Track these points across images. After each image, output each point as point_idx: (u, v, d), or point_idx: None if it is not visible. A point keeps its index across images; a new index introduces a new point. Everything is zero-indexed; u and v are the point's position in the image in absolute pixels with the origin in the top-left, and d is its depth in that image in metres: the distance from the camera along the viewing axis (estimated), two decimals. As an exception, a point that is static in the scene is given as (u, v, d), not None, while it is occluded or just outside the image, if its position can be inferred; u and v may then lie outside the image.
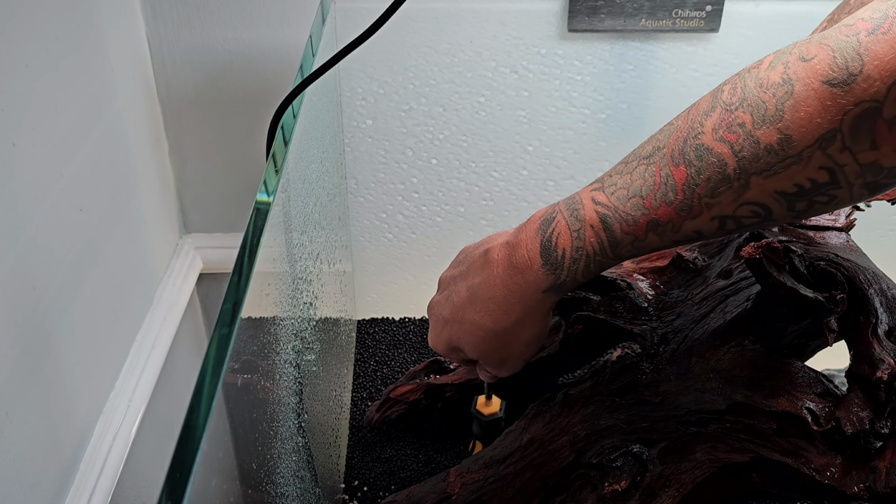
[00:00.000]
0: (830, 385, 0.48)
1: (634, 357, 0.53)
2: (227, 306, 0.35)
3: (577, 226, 0.43)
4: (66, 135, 0.59)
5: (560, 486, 0.52)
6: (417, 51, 0.73)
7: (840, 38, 0.35)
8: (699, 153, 0.38)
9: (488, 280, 0.46)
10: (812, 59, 0.35)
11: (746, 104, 0.37)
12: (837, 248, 0.51)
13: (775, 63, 0.37)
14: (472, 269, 0.48)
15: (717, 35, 0.72)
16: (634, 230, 0.41)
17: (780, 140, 0.36)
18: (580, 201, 0.43)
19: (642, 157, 0.41)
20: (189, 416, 0.30)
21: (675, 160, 0.39)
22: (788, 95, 0.36)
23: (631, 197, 0.41)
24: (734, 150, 0.37)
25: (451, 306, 0.48)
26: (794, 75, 0.36)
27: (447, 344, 0.49)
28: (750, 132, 0.37)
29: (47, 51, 0.56)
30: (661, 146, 0.40)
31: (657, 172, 0.40)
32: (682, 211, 0.40)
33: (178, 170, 0.80)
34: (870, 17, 0.35)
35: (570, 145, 0.79)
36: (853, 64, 0.34)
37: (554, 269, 0.44)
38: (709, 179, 0.38)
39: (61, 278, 0.58)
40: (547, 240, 0.44)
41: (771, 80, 0.36)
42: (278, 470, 0.45)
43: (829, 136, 0.35)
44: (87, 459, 0.60)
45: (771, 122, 0.36)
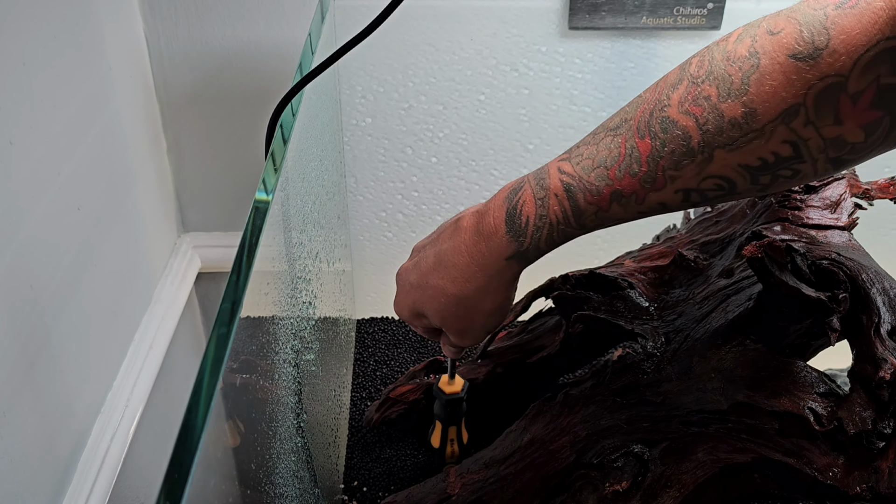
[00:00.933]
0: (833, 385, 0.48)
1: (635, 357, 0.53)
2: (225, 305, 0.35)
3: (542, 194, 0.43)
4: (63, 133, 0.58)
5: (561, 486, 0.52)
6: (417, 48, 0.73)
7: (808, 12, 0.35)
8: (664, 125, 0.39)
9: (454, 247, 0.46)
10: (779, 32, 0.35)
11: (713, 77, 0.37)
12: (840, 247, 0.50)
13: (743, 36, 0.37)
14: (442, 236, 0.48)
15: (719, 33, 0.72)
16: (598, 200, 0.41)
17: (744, 114, 0.36)
18: (547, 171, 0.43)
19: (609, 129, 0.41)
20: (187, 416, 0.30)
21: (640, 132, 0.39)
22: (754, 69, 0.36)
23: (595, 167, 0.41)
24: (699, 123, 0.37)
25: (418, 272, 0.48)
26: (760, 49, 0.36)
27: (411, 309, 0.49)
28: (715, 105, 0.37)
29: (45, 49, 0.56)
30: (628, 118, 0.40)
31: (622, 144, 0.40)
32: (645, 182, 0.40)
33: (176, 168, 0.80)
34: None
35: (570, 143, 0.77)
36: (819, 38, 0.34)
37: (517, 236, 0.44)
38: (673, 152, 0.38)
39: (59, 277, 0.58)
40: (512, 207, 0.44)
41: (738, 54, 0.36)
42: (277, 470, 0.44)
43: (792, 110, 0.35)
44: (85, 459, 0.60)
45: (736, 95, 0.36)
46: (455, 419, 0.61)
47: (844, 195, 0.55)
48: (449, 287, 0.46)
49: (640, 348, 0.54)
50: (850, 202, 0.55)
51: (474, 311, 0.47)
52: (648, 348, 0.53)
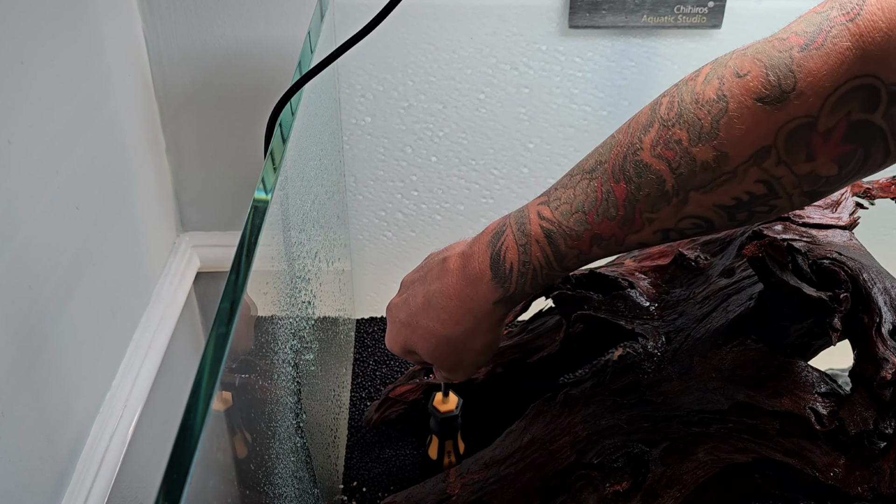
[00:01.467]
0: (834, 385, 0.48)
1: (636, 356, 0.53)
2: (224, 305, 0.35)
3: (524, 240, 0.43)
4: (62, 132, 0.58)
5: (561, 486, 0.52)
6: (417, 47, 0.73)
7: (773, 54, 0.35)
8: (638, 169, 0.39)
9: (443, 289, 0.47)
10: (746, 75, 0.35)
11: (683, 120, 0.37)
12: (841, 247, 0.50)
13: (711, 77, 0.37)
14: (430, 275, 0.49)
15: (720, 31, 0.72)
16: (578, 245, 0.42)
17: (716, 157, 0.36)
18: (527, 215, 0.44)
19: (585, 171, 0.42)
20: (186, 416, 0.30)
21: (615, 176, 0.40)
22: (723, 113, 0.36)
23: (574, 212, 0.41)
24: (672, 167, 0.38)
25: (408, 310, 0.49)
26: (728, 92, 0.36)
27: (402, 346, 0.50)
28: (687, 149, 0.37)
29: (43, 47, 0.55)
30: (603, 160, 0.41)
31: (599, 188, 0.41)
32: (624, 225, 0.40)
33: (175, 167, 0.80)
34: (803, 31, 0.35)
35: (570, 143, 0.78)
36: (786, 81, 0.34)
37: (503, 282, 0.45)
38: (648, 195, 0.39)
39: (57, 276, 0.57)
40: (496, 253, 0.45)
41: (706, 96, 0.36)
42: (276, 470, 0.44)
43: (763, 151, 0.36)
44: (84, 459, 0.60)
45: (707, 139, 0.36)
46: (451, 434, 0.62)
47: (845, 194, 0.55)
48: (439, 329, 0.47)
49: (641, 348, 0.53)
50: (852, 201, 0.55)
51: (464, 351, 0.48)
52: (649, 348, 0.53)
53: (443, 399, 0.61)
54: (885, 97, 0.34)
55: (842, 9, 0.34)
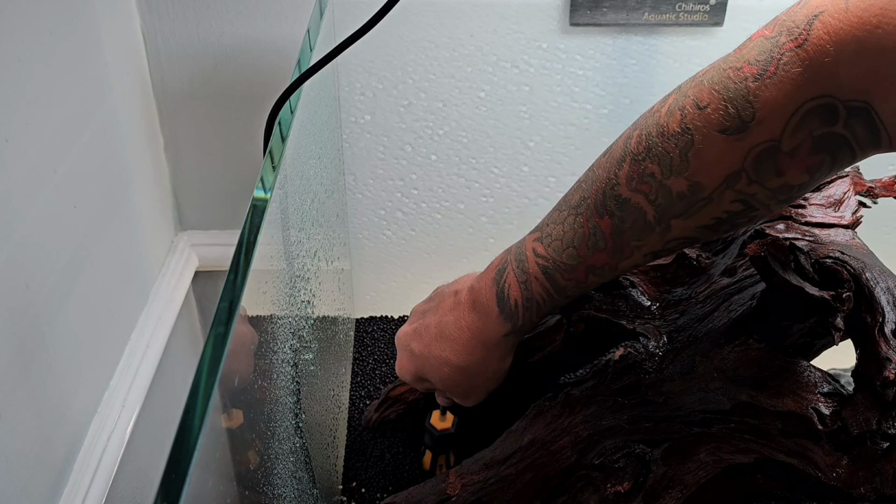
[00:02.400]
0: (837, 385, 0.48)
1: (637, 356, 0.53)
2: (223, 304, 0.35)
3: (524, 278, 0.46)
4: (59, 130, 0.58)
5: (562, 487, 0.52)
6: (417, 45, 0.73)
7: (730, 86, 0.36)
8: (619, 203, 0.41)
9: (456, 321, 0.50)
10: (706, 107, 0.37)
11: (653, 154, 0.39)
12: (843, 246, 0.50)
13: (673, 109, 0.38)
14: (442, 307, 0.52)
15: (722, 29, 0.72)
16: (575, 276, 0.44)
17: (689, 186, 0.38)
18: (525, 253, 0.47)
19: (571, 207, 0.44)
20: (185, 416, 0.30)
21: (598, 211, 0.42)
22: (690, 145, 0.37)
23: (566, 248, 0.44)
24: (650, 200, 0.40)
25: (420, 341, 0.52)
26: (691, 124, 0.37)
27: (414, 375, 0.53)
28: (661, 182, 0.39)
29: (41, 45, 0.55)
30: (586, 196, 0.43)
31: (585, 224, 0.43)
32: (615, 255, 0.42)
33: (173, 166, 0.80)
34: (755, 60, 0.36)
35: (571, 141, 0.78)
36: (745, 112, 0.35)
37: (510, 317, 0.48)
38: (633, 226, 0.41)
39: (55, 276, 0.57)
40: (501, 290, 0.48)
41: (671, 129, 0.38)
42: (275, 471, 0.44)
43: (734, 175, 0.37)
44: (82, 460, 0.60)
45: (678, 171, 0.38)
46: (445, 451, 0.63)
47: (848, 193, 0.55)
48: (452, 358, 0.50)
49: (642, 348, 0.53)
50: (854, 200, 0.55)
51: (476, 379, 0.51)
52: (650, 348, 0.53)
53: (440, 417, 0.63)
54: (842, 111, 0.34)
55: (790, 34, 0.35)
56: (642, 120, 0.41)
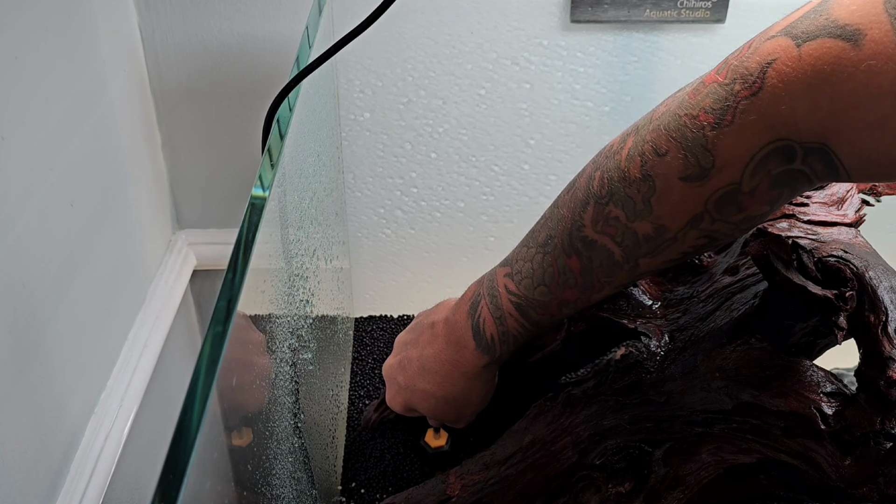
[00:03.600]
0: (840, 384, 0.47)
1: (638, 356, 0.53)
2: (221, 304, 0.35)
3: (499, 313, 0.47)
4: (56, 128, 0.58)
5: (562, 487, 0.52)
6: (416, 42, 0.72)
7: (688, 135, 0.37)
8: (586, 245, 0.42)
9: (435, 355, 0.51)
10: (665, 154, 0.37)
11: (616, 199, 0.40)
12: (846, 244, 0.50)
13: (633, 154, 0.39)
14: (421, 340, 0.53)
15: (723, 26, 0.71)
16: (548, 311, 0.46)
17: (654, 229, 0.39)
18: (497, 288, 0.48)
19: (539, 245, 0.45)
20: (183, 416, 0.30)
21: (566, 251, 0.43)
22: (652, 191, 0.38)
23: (537, 286, 0.45)
24: (616, 241, 0.41)
25: (404, 374, 0.53)
26: (652, 171, 0.38)
27: (403, 406, 0.55)
28: (626, 225, 0.40)
29: (37, 42, 0.55)
30: (553, 235, 0.44)
31: (554, 263, 0.44)
32: (585, 290, 0.44)
33: (171, 164, 0.79)
34: (711, 109, 0.36)
35: (572, 139, 0.78)
36: (704, 160, 0.36)
37: (487, 350, 0.49)
38: (601, 265, 0.42)
39: (51, 275, 0.57)
40: (476, 325, 0.49)
41: (633, 175, 0.39)
42: (274, 471, 0.44)
43: (697, 217, 0.38)
44: (78, 461, 0.59)
45: (642, 215, 0.39)
46: (441, 469, 0.63)
47: (851, 191, 0.55)
48: (436, 391, 0.52)
49: (644, 347, 0.53)
50: (857, 198, 0.55)
51: (462, 405, 0.53)
52: (652, 347, 0.53)
53: (434, 435, 0.63)
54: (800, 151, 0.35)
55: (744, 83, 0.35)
56: (603, 160, 0.41)
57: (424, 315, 0.55)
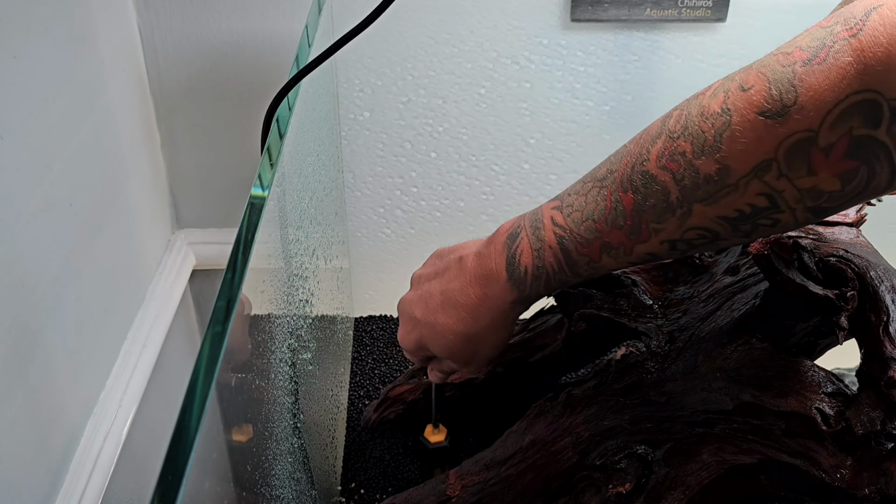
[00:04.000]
0: (841, 384, 0.47)
1: (639, 356, 0.53)
2: (220, 303, 0.35)
3: (538, 245, 0.45)
4: (55, 127, 0.58)
5: (563, 488, 0.52)
6: (416, 41, 0.72)
7: (777, 69, 0.36)
8: (644, 180, 0.40)
9: (461, 288, 0.49)
10: (750, 88, 0.36)
11: (688, 133, 0.38)
12: (847, 244, 0.50)
13: (718, 91, 0.38)
14: (447, 273, 0.50)
15: (724, 25, 0.71)
16: (589, 252, 0.43)
17: (718, 170, 0.37)
18: (541, 220, 0.46)
19: (597, 179, 0.43)
20: (182, 417, 0.30)
21: (623, 186, 0.41)
22: (726, 126, 0.37)
23: (584, 220, 0.43)
24: (676, 179, 0.39)
25: (425, 308, 0.51)
26: (732, 105, 0.37)
27: (416, 343, 0.52)
28: (690, 161, 0.38)
29: (37, 41, 0.55)
30: (614, 169, 0.42)
31: (608, 197, 0.42)
32: (631, 235, 0.41)
33: (170, 163, 0.79)
34: (807, 46, 0.35)
35: (573, 138, 0.78)
36: (787, 95, 0.35)
37: (518, 284, 0.47)
38: (654, 206, 0.40)
39: (50, 274, 0.57)
40: (511, 255, 0.47)
41: (711, 110, 0.37)
42: (273, 472, 0.44)
43: (764, 164, 0.36)
44: (77, 461, 0.59)
45: (709, 152, 0.37)
46: (440, 465, 0.63)
47: (852, 191, 0.55)
48: (458, 326, 0.49)
49: (644, 347, 0.53)
50: (858, 198, 0.54)
51: (480, 346, 0.50)
52: (652, 347, 0.53)
53: (433, 431, 0.62)
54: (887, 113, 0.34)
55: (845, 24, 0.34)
56: (685, 102, 0.40)
57: (447, 250, 0.53)
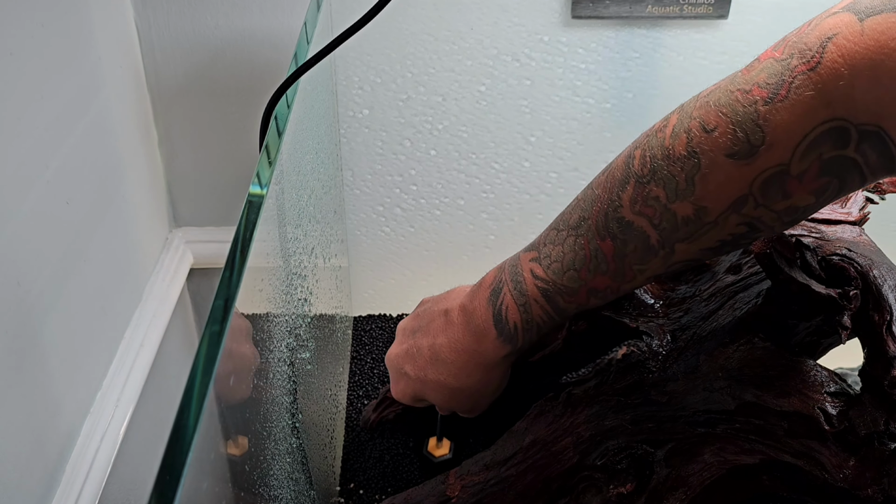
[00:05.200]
0: (843, 384, 0.47)
1: (640, 355, 0.52)
2: (218, 303, 0.34)
3: (523, 300, 0.45)
4: (51, 125, 0.57)
5: (563, 488, 0.51)
6: (416, 38, 0.72)
7: (738, 109, 0.35)
8: (622, 226, 0.40)
9: (449, 344, 0.49)
10: (713, 130, 0.36)
11: (658, 178, 0.38)
12: (850, 243, 0.49)
13: (678, 131, 0.38)
14: (432, 327, 0.50)
15: (727, 22, 0.71)
16: (576, 299, 0.44)
17: (695, 211, 0.37)
18: (521, 273, 0.45)
19: (571, 227, 0.43)
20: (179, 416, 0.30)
21: (600, 233, 0.41)
22: (696, 169, 0.37)
23: (566, 270, 0.43)
24: (653, 224, 0.39)
25: (414, 364, 0.51)
26: (698, 148, 0.36)
27: (412, 397, 0.53)
28: (665, 206, 0.38)
29: (32, 38, 0.54)
30: (587, 216, 0.42)
31: (586, 245, 0.42)
32: (616, 278, 0.42)
33: (167, 161, 0.79)
34: (765, 83, 0.35)
35: (573, 136, 0.78)
36: (754, 136, 0.35)
37: (509, 339, 0.47)
38: (636, 250, 0.40)
39: (47, 273, 0.56)
40: (497, 312, 0.47)
41: (677, 152, 0.37)
42: (272, 472, 0.44)
43: (741, 200, 0.37)
44: (74, 461, 0.59)
45: (684, 195, 0.37)
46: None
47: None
48: (451, 382, 0.49)
49: (645, 346, 0.53)
50: (861, 196, 0.54)
51: (477, 396, 0.51)
52: (654, 346, 0.52)
53: (437, 444, 0.62)
54: (854, 135, 0.34)
55: (801, 57, 0.34)
56: (644, 139, 0.40)
57: (432, 301, 0.53)
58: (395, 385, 0.53)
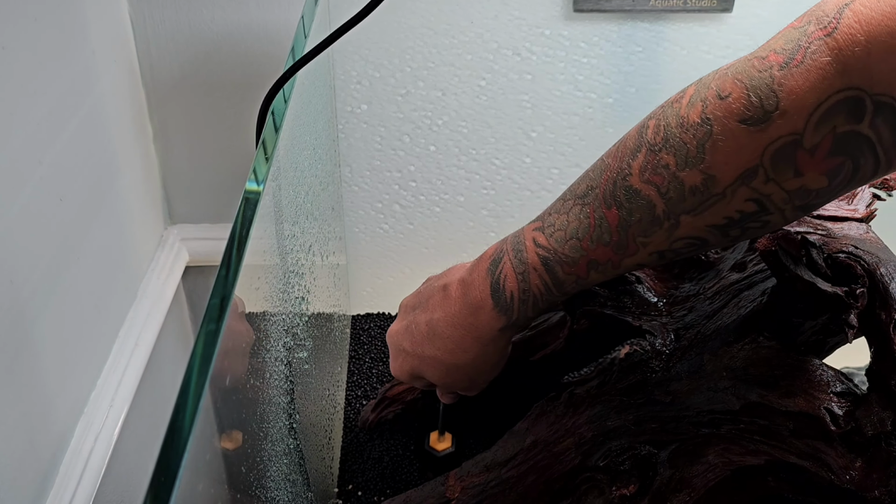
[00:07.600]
0: (850, 384, 0.47)
1: (643, 354, 0.52)
2: (214, 301, 0.34)
3: (522, 268, 0.45)
4: (44, 120, 0.57)
5: (565, 489, 0.51)
6: (415, 32, 0.72)
7: (754, 74, 0.35)
8: (629, 195, 0.40)
9: (446, 318, 0.48)
10: (728, 96, 0.36)
11: (669, 145, 0.38)
12: (857, 240, 0.49)
13: (695, 100, 0.38)
14: (431, 303, 0.50)
15: (730, 15, 0.71)
16: (576, 270, 0.43)
17: (703, 180, 0.37)
18: (523, 242, 0.45)
19: (577, 196, 0.43)
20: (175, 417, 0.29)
21: (607, 202, 0.41)
22: (708, 136, 0.36)
23: (569, 239, 0.43)
24: (661, 192, 0.39)
25: (412, 340, 0.50)
26: (711, 115, 0.36)
27: (410, 374, 0.52)
28: (674, 174, 0.38)
29: (25, 32, 0.54)
30: (594, 186, 0.42)
31: (591, 214, 0.42)
32: (618, 250, 0.41)
33: (162, 157, 0.79)
34: (781, 49, 0.35)
35: (575, 131, 0.77)
36: (768, 101, 0.35)
37: (505, 310, 0.46)
38: (640, 220, 0.40)
39: (40, 271, 0.56)
40: (496, 282, 0.46)
41: (691, 120, 0.37)
42: (269, 473, 0.44)
43: (750, 171, 0.36)
44: (68, 462, 0.59)
45: (693, 163, 0.37)
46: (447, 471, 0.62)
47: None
48: (446, 357, 0.49)
49: (648, 345, 0.53)
50: (868, 193, 0.54)
51: (474, 373, 0.50)
52: (657, 345, 0.52)
53: (438, 438, 0.62)
54: (870, 107, 0.34)
55: (819, 23, 0.34)
56: (660, 110, 0.40)
57: (435, 278, 0.52)
58: (394, 362, 0.52)
